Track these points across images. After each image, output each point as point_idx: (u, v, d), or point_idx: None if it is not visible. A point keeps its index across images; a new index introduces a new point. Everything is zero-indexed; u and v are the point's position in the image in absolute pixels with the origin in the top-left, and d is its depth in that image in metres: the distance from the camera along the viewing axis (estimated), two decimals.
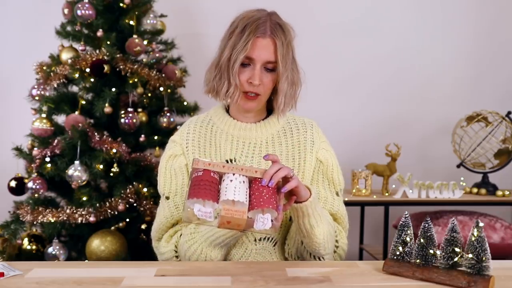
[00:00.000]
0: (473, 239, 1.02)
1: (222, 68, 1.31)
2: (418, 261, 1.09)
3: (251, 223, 1.06)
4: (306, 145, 1.39)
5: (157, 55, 2.56)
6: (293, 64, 1.33)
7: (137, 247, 2.33)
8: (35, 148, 2.29)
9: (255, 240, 1.34)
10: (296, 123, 1.43)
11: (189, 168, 1.37)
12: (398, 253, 1.12)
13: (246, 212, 1.04)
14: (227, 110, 1.43)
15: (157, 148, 2.54)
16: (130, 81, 2.33)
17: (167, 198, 1.38)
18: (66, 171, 2.17)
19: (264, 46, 1.27)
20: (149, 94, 2.51)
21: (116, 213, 2.23)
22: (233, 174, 1.08)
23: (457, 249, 1.04)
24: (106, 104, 2.26)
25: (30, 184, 2.21)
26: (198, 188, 1.04)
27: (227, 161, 1.37)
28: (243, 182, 1.08)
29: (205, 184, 1.05)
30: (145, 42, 2.49)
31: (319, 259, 1.32)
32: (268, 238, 1.35)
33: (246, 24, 1.28)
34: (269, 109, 1.43)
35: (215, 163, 1.09)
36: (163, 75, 2.49)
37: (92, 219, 2.17)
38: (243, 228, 1.06)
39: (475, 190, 2.71)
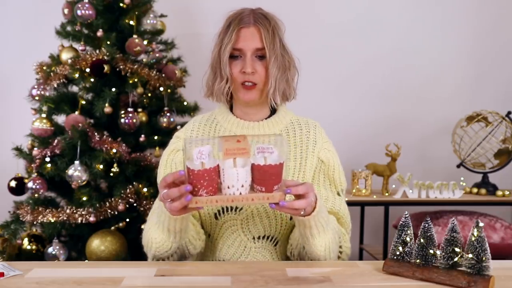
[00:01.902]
0: (473, 239, 1.01)
1: (214, 66, 1.33)
2: (418, 261, 1.09)
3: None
4: (309, 145, 1.39)
5: (157, 55, 2.56)
6: (282, 50, 1.33)
7: (137, 247, 2.32)
8: (35, 148, 2.29)
9: (254, 238, 1.35)
10: (300, 123, 1.43)
11: None
12: (398, 253, 1.12)
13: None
14: (232, 110, 1.43)
15: (157, 148, 2.54)
16: (130, 81, 2.33)
17: None
18: (66, 171, 2.17)
19: (249, 34, 1.30)
20: (149, 94, 2.51)
21: (116, 213, 2.23)
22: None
23: (457, 249, 1.04)
24: (106, 104, 2.26)
25: (30, 184, 2.21)
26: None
27: None
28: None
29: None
30: (145, 42, 2.49)
31: None
32: (268, 237, 1.35)
33: (230, 20, 1.32)
34: (273, 109, 1.43)
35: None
36: (163, 75, 2.49)
37: (92, 219, 2.17)
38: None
39: (475, 190, 2.71)
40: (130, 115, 2.33)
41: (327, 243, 1.25)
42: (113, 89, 2.30)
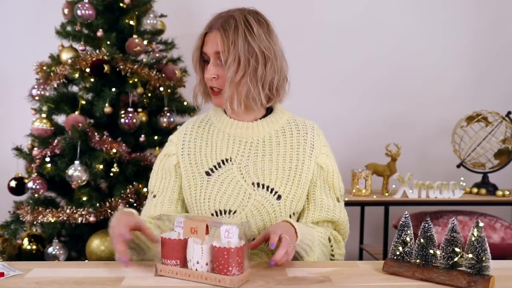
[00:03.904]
0: (473, 239, 1.01)
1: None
2: (418, 261, 1.09)
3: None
4: (306, 148, 1.38)
5: (157, 55, 2.56)
6: (250, 54, 1.27)
7: None
8: (35, 148, 2.29)
9: (249, 242, 1.33)
10: (297, 124, 1.42)
11: (178, 169, 1.39)
12: (398, 253, 1.12)
13: None
14: (226, 110, 1.42)
15: (157, 148, 2.54)
16: (130, 81, 2.33)
17: (155, 196, 1.41)
18: (66, 171, 2.17)
19: (211, 39, 1.30)
20: (149, 94, 2.51)
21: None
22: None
23: (457, 249, 1.04)
24: (106, 104, 2.26)
25: (30, 184, 2.21)
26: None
27: (223, 161, 1.36)
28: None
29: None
30: (145, 42, 2.49)
31: None
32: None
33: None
34: (269, 108, 1.42)
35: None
36: (163, 75, 2.49)
37: (92, 219, 2.17)
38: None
39: (475, 190, 2.71)
40: (130, 115, 2.33)
41: (316, 260, 1.29)
42: (113, 89, 2.30)
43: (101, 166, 2.21)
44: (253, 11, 1.34)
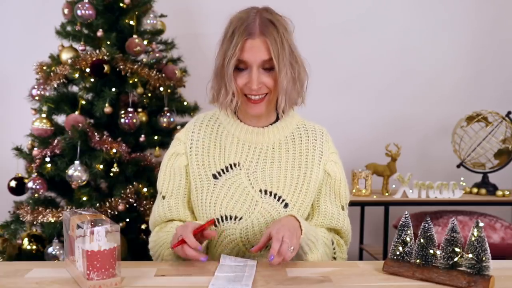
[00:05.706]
0: (473, 239, 1.02)
1: (218, 77, 1.28)
2: (418, 261, 1.09)
3: None
4: (315, 155, 1.36)
5: (157, 55, 2.56)
6: (292, 58, 1.26)
7: (137, 247, 2.33)
8: (35, 148, 2.29)
9: (253, 247, 1.33)
10: (306, 129, 1.39)
11: (188, 169, 1.36)
12: (398, 253, 1.12)
13: None
14: (236, 112, 1.38)
15: (157, 148, 2.53)
16: (130, 81, 2.33)
17: (163, 197, 1.38)
18: (66, 171, 2.17)
19: (255, 47, 1.22)
20: (149, 94, 2.51)
21: (116, 213, 2.23)
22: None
23: (457, 249, 1.04)
24: (106, 104, 2.26)
25: (30, 184, 2.21)
26: None
27: (231, 165, 1.34)
28: None
29: None
30: (145, 42, 2.49)
31: None
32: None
33: (234, 28, 1.24)
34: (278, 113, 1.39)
35: None
36: (163, 75, 2.49)
37: None
38: None
39: (475, 190, 2.71)
40: (130, 115, 2.33)
41: (319, 257, 1.28)
42: (113, 89, 2.30)
43: (101, 166, 2.21)
44: (270, 9, 1.30)
